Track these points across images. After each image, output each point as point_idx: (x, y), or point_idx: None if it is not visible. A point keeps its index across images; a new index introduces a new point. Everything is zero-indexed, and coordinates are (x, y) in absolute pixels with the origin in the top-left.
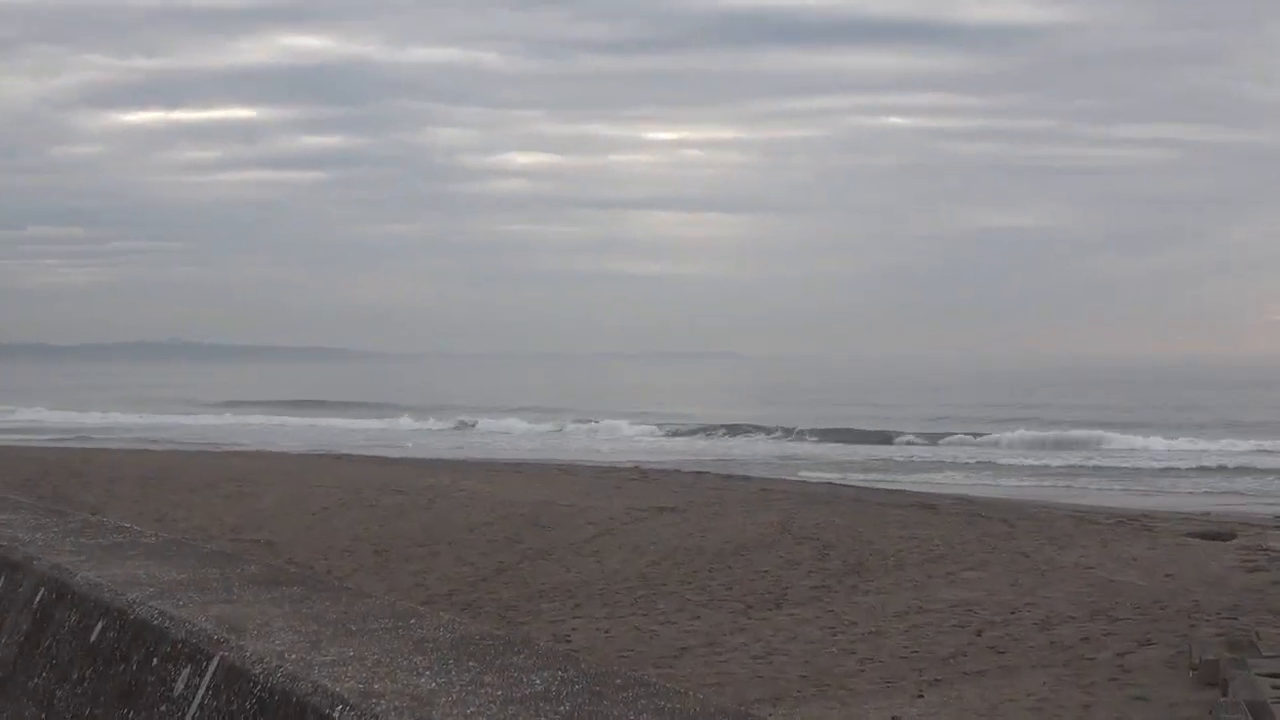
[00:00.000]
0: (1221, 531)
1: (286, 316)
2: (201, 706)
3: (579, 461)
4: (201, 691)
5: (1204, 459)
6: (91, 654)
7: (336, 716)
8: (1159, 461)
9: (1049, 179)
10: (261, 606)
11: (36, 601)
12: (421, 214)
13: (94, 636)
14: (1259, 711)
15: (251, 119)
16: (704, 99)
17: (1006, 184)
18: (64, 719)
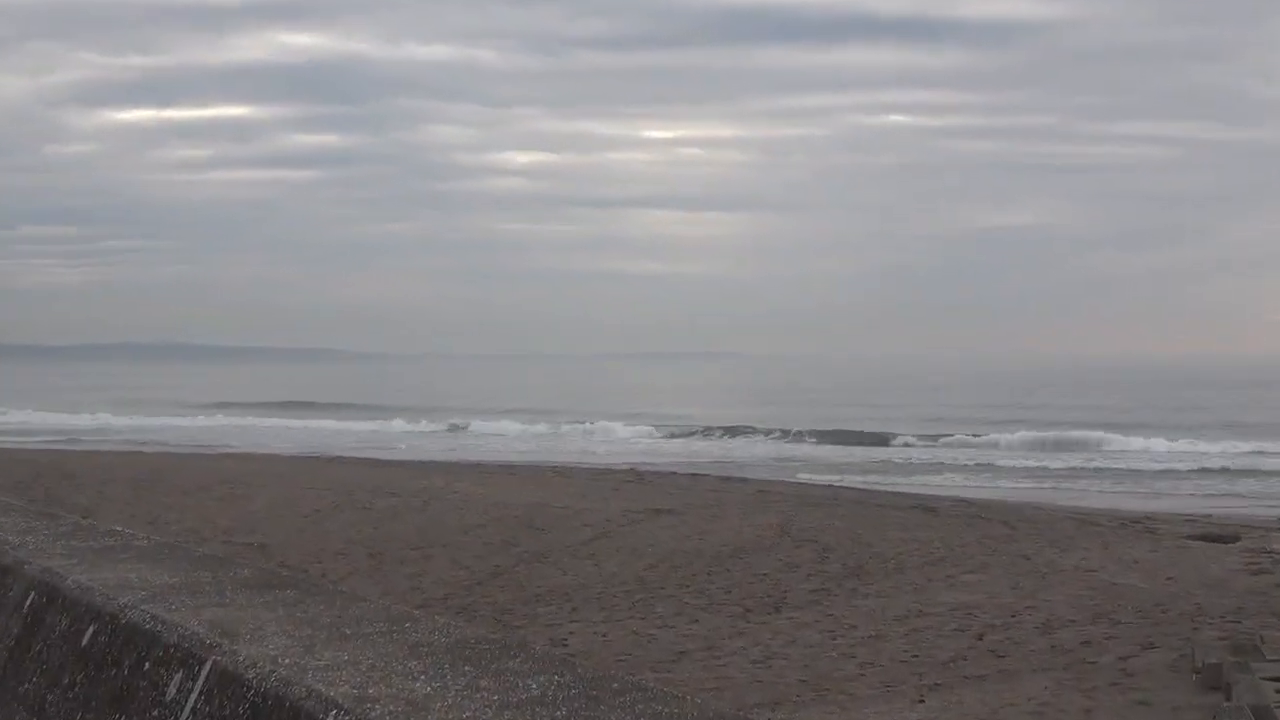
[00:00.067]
0: (1224, 534)
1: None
2: (194, 711)
3: (575, 463)
4: (194, 696)
5: (1206, 461)
6: (83, 658)
7: None
8: (1160, 463)
9: (1049, 177)
10: (254, 610)
11: (27, 605)
12: (417, 213)
13: (85, 641)
14: (1262, 715)
15: (245, 117)
16: (702, 96)
17: (1007, 182)
18: None
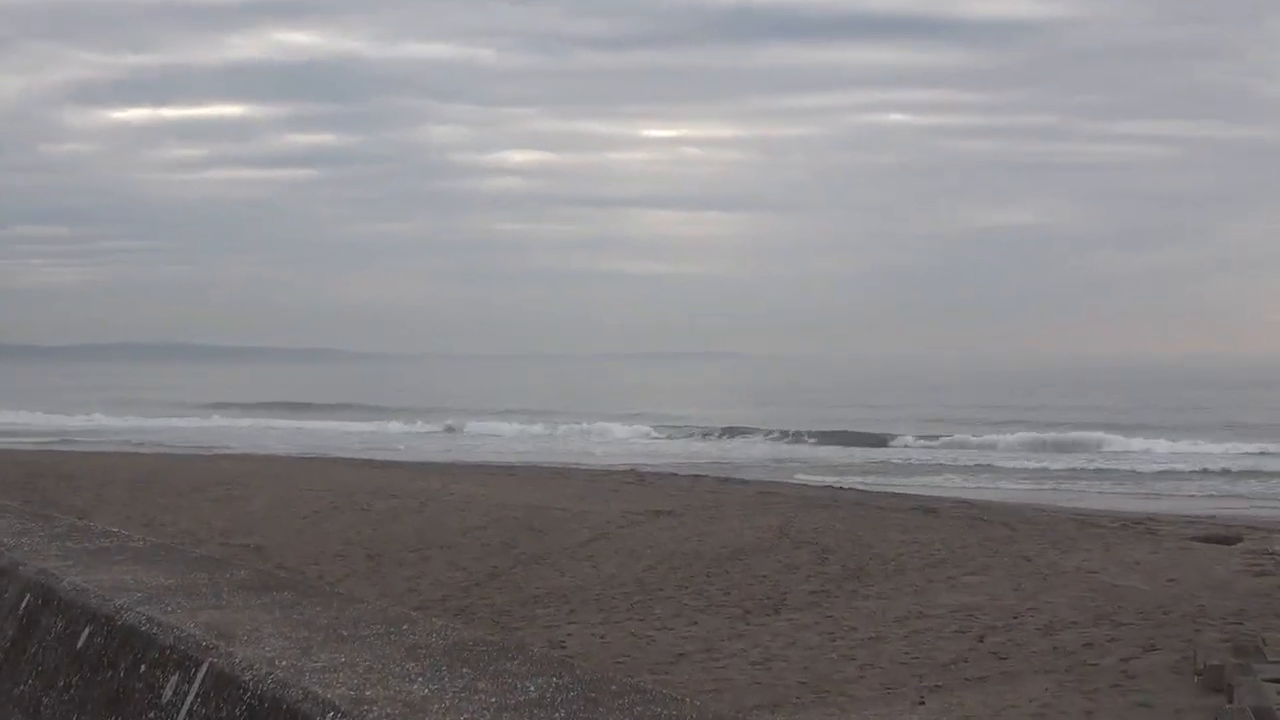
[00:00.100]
0: (1227, 535)
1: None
2: (190, 714)
3: (574, 464)
4: (190, 699)
5: (1207, 462)
6: (78, 661)
7: None
8: (1161, 464)
9: (1049, 176)
10: (251, 612)
11: (22, 607)
12: (415, 212)
13: (81, 643)
14: (1265, 717)
15: (242, 116)
16: (702, 95)
17: (1006, 181)
18: None
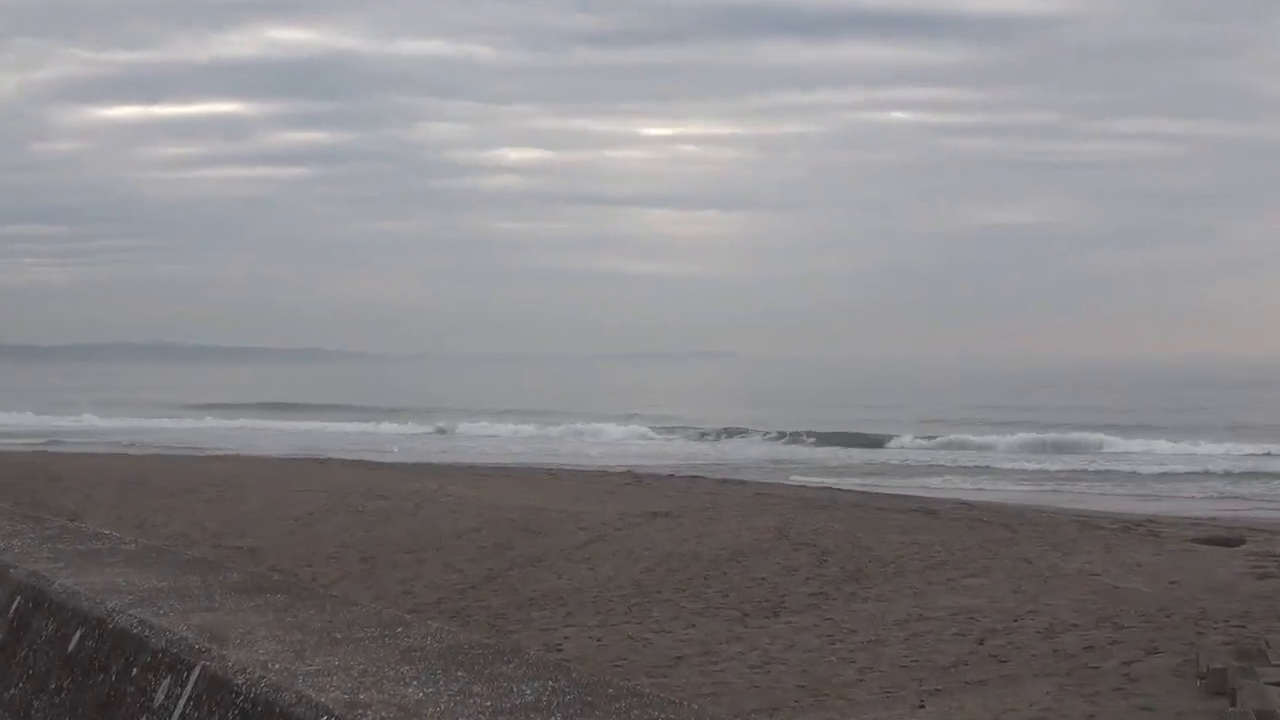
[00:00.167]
0: (1229, 537)
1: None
2: (183, 718)
3: (570, 465)
4: (182, 702)
5: (1209, 463)
6: (69, 664)
7: None
8: (1162, 465)
9: (1049, 174)
10: (244, 615)
11: (13, 610)
12: (411, 211)
13: (72, 646)
14: None
15: (236, 114)
16: (699, 93)
17: (1006, 179)
18: None
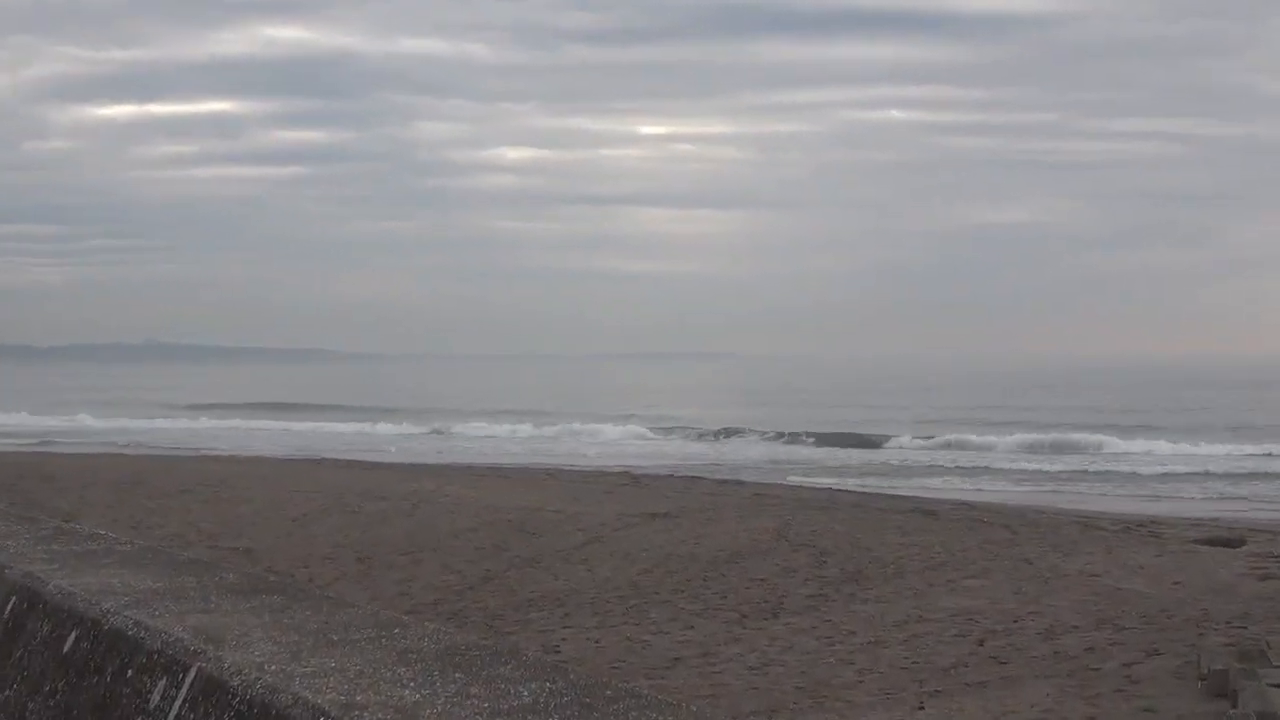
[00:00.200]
0: (1231, 538)
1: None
2: (178, 719)
3: (568, 466)
4: (178, 704)
5: (1210, 464)
6: (64, 665)
7: None
8: (1163, 466)
9: (1046, 173)
10: (240, 616)
11: (8, 611)
12: (409, 210)
13: (67, 647)
14: None
15: (231, 112)
16: (696, 91)
17: (1003, 179)
18: None
